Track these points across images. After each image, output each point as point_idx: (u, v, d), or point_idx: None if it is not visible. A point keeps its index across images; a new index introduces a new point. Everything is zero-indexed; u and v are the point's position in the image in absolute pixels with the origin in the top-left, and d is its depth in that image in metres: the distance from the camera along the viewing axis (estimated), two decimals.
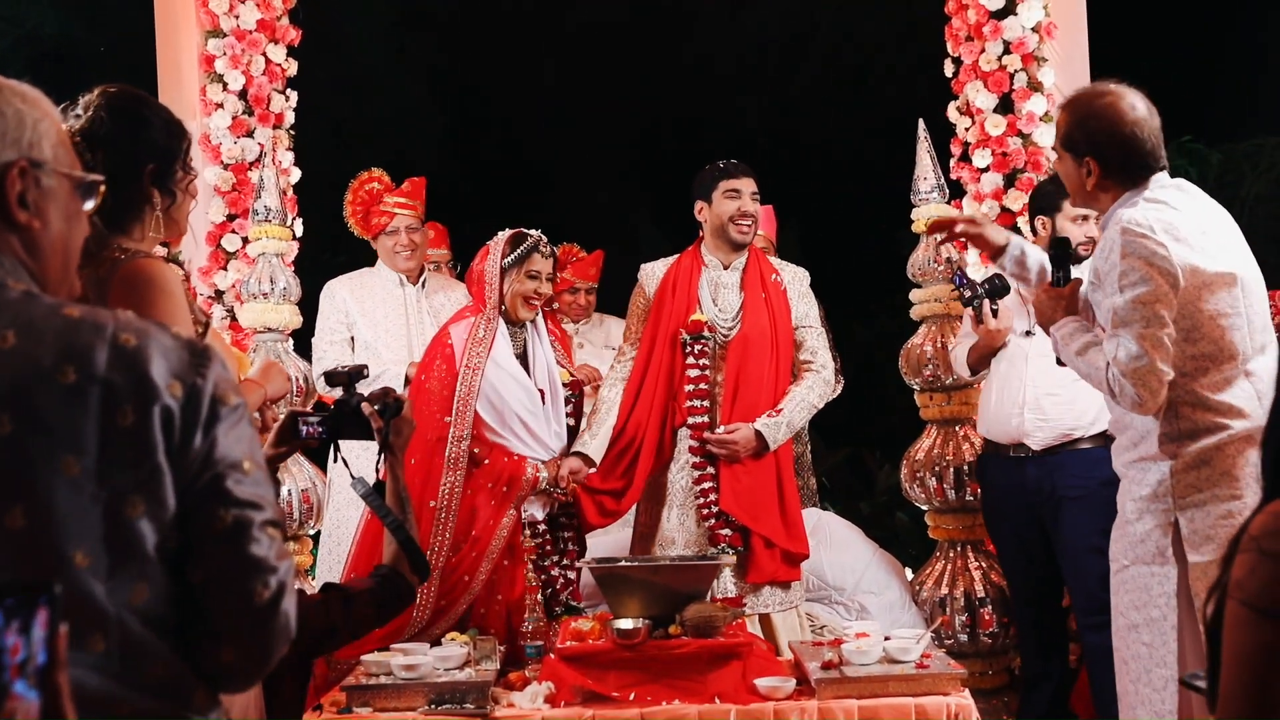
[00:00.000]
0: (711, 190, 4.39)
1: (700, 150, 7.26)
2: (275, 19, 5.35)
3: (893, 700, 3.46)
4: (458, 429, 4.04)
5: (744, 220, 4.35)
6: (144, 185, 2.28)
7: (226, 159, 5.26)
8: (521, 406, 4.12)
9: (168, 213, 2.31)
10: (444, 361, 4.12)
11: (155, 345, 1.43)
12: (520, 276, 4.16)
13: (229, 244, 5.21)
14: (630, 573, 3.80)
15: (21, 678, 1.10)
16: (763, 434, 4.21)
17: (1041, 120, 5.11)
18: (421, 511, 3.88)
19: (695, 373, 4.29)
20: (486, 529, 4.04)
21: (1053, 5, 5.13)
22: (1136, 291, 2.83)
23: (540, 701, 3.57)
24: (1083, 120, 3.01)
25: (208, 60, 5.30)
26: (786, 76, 7.14)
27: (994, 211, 5.11)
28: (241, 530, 1.43)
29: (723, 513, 4.22)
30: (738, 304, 4.36)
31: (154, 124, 2.31)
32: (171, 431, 1.40)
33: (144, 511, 1.38)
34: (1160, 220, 2.88)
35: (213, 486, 1.42)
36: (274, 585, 1.44)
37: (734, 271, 4.42)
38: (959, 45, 5.24)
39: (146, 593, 1.39)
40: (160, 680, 1.39)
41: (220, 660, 1.44)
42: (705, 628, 3.64)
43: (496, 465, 4.07)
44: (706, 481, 4.24)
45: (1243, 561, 1.48)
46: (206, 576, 1.42)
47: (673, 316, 4.35)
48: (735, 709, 3.46)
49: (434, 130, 7.43)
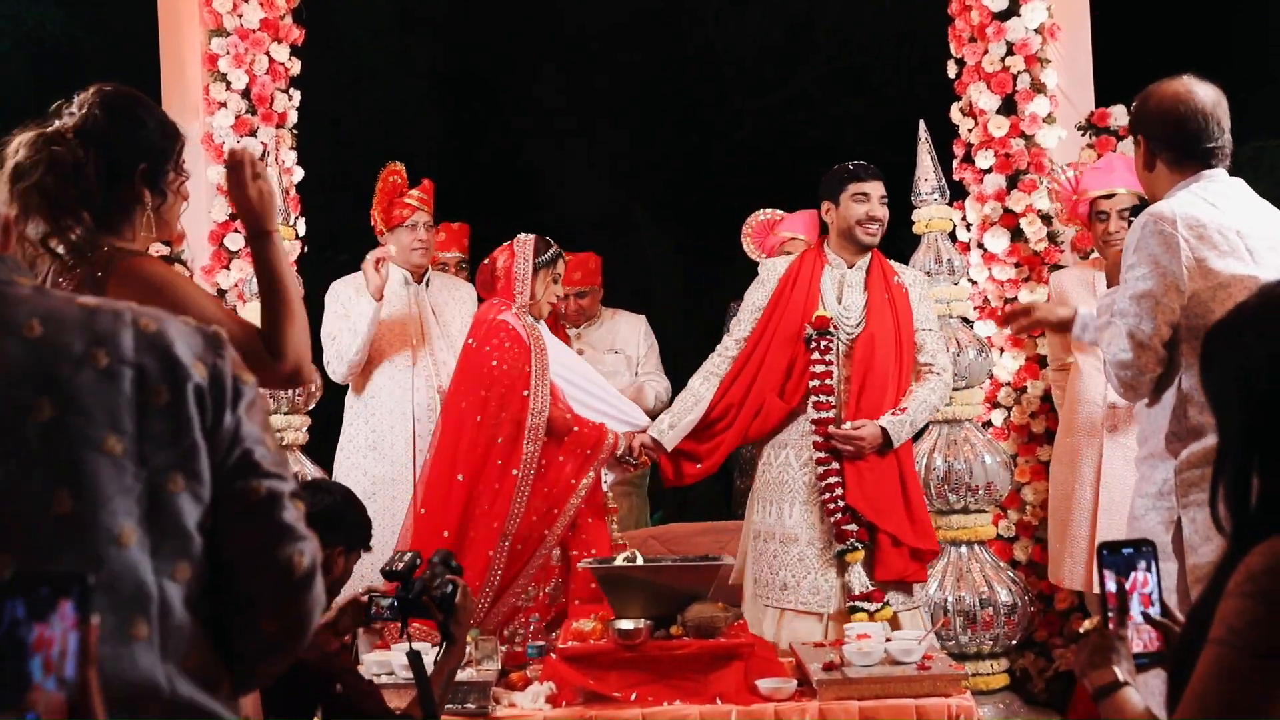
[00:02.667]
0: (839, 192, 4.41)
1: (701, 151, 7.26)
2: (278, 18, 5.35)
3: (894, 701, 3.46)
4: (537, 401, 4.26)
5: (872, 224, 4.38)
6: (135, 184, 2.26)
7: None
8: (586, 379, 4.48)
9: (158, 213, 2.29)
10: (512, 341, 4.31)
11: (174, 329, 1.47)
12: (549, 280, 4.44)
13: (231, 243, 5.21)
14: (632, 573, 3.81)
15: (47, 670, 1.11)
16: (888, 431, 4.22)
17: (1044, 122, 5.10)
18: (504, 479, 4.20)
19: (820, 368, 4.30)
20: (567, 488, 4.26)
21: (1056, 6, 5.13)
22: (1136, 287, 2.84)
23: (541, 702, 3.57)
24: (1145, 99, 3.02)
25: (211, 59, 5.30)
26: (787, 77, 7.14)
27: (996, 213, 5.11)
28: (275, 500, 1.46)
29: (849, 508, 4.22)
30: (862, 303, 4.38)
31: (147, 123, 2.30)
32: (205, 409, 1.44)
33: (184, 487, 1.41)
34: (1188, 215, 2.84)
35: (244, 460, 1.46)
36: (309, 553, 1.47)
37: (858, 271, 4.44)
38: (962, 46, 5.24)
39: (189, 571, 1.41)
40: (197, 667, 1.41)
41: (261, 633, 1.45)
42: (707, 628, 3.64)
43: (583, 430, 4.32)
44: (832, 477, 4.24)
45: (1242, 609, 1.46)
46: (245, 548, 1.45)
47: (792, 311, 4.39)
48: (736, 710, 3.47)
49: (434, 130, 7.43)
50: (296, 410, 4.94)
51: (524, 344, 4.32)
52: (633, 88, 7.39)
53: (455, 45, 7.67)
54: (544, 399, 4.28)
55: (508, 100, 7.51)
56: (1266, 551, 1.47)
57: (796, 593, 4.24)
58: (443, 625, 2.80)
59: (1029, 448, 5.08)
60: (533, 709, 3.55)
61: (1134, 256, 2.86)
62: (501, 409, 4.25)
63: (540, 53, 7.41)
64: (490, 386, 4.28)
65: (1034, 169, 5.10)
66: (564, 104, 7.33)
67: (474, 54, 7.64)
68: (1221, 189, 2.93)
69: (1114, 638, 1.73)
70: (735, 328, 4.53)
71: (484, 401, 4.27)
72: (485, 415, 4.26)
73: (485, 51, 7.57)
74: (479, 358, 4.33)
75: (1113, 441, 4.42)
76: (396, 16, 7.74)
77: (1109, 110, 5.10)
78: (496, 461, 4.22)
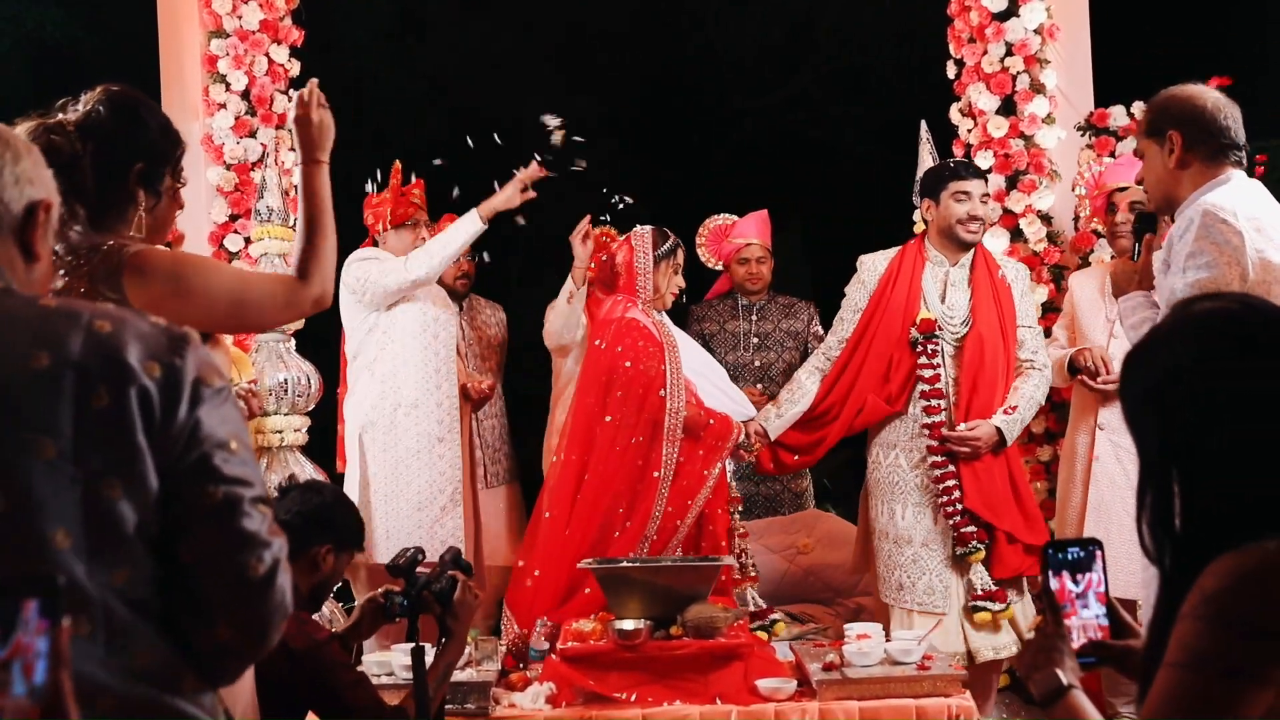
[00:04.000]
0: (940, 190, 4.35)
1: (700, 152, 7.26)
2: (278, 19, 5.36)
3: (894, 701, 3.46)
4: (673, 401, 4.23)
5: (973, 223, 4.32)
6: (130, 183, 2.26)
7: (229, 159, 5.26)
8: (708, 366, 4.49)
9: (152, 214, 2.30)
10: (645, 340, 4.27)
11: (131, 330, 1.44)
12: (670, 271, 4.41)
13: (231, 244, 5.22)
14: (631, 573, 3.80)
15: (15, 675, 1.10)
16: (1002, 431, 4.21)
17: (1044, 122, 5.11)
18: (645, 482, 4.16)
19: (929, 372, 4.27)
20: (699, 479, 4.21)
21: (1055, 7, 5.13)
22: (1199, 275, 2.79)
23: (541, 702, 3.57)
24: (1165, 103, 3.01)
25: (210, 60, 5.30)
26: (787, 77, 7.14)
27: (996, 213, 5.11)
28: (232, 506, 1.43)
29: (967, 510, 4.20)
30: (967, 302, 4.32)
31: (149, 124, 2.31)
32: (150, 412, 1.40)
33: (123, 493, 1.38)
34: (1245, 208, 2.83)
35: (200, 465, 1.42)
36: (268, 560, 1.44)
37: (962, 269, 4.38)
38: (961, 47, 5.24)
39: (127, 574, 1.38)
40: (147, 665, 1.39)
41: (217, 640, 1.43)
42: (706, 629, 3.64)
43: (715, 424, 4.28)
44: (949, 480, 4.21)
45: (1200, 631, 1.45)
46: (198, 554, 1.42)
47: (893, 312, 4.34)
48: (736, 710, 3.47)
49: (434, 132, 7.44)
50: (296, 411, 4.94)
51: (657, 342, 4.27)
52: (632, 88, 7.39)
53: (455, 46, 7.68)
54: (680, 398, 4.25)
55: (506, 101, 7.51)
56: (1220, 572, 1.46)
57: (912, 593, 4.24)
58: (441, 619, 2.86)
59: (1029, 448, 5.08)
60: (533, 709, 3.55)
61: (1195, 245, 2.81)
62: (639, 410, 4.19)
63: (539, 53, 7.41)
64: (626, 386, 4.21)
65: (1033, 169, 5.10)
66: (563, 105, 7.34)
67: (474, 55, 7.65)
68: (1254, 188, 2.94)
69: (1056, 638, 1.71)
70: (838, 326, 4.52)
71: (619, 402, 4.20)
72: (618, 415, 4.20)
73: (485, 53, 7.58)
74: (609, 358, 4.25)
75: (1104, 439, 4.41)
76: (396, 18, 7.74)
77: (1108, 111, 5.10)
78: (636, 463, 4.17)
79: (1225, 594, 1.44)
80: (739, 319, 5.43)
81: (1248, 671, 1.41)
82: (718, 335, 5.42)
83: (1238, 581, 1.44)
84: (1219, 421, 1.53)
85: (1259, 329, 1.57)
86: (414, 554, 2.87)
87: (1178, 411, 1.56)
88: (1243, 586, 1.44)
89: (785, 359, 5.36)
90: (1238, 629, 1.42)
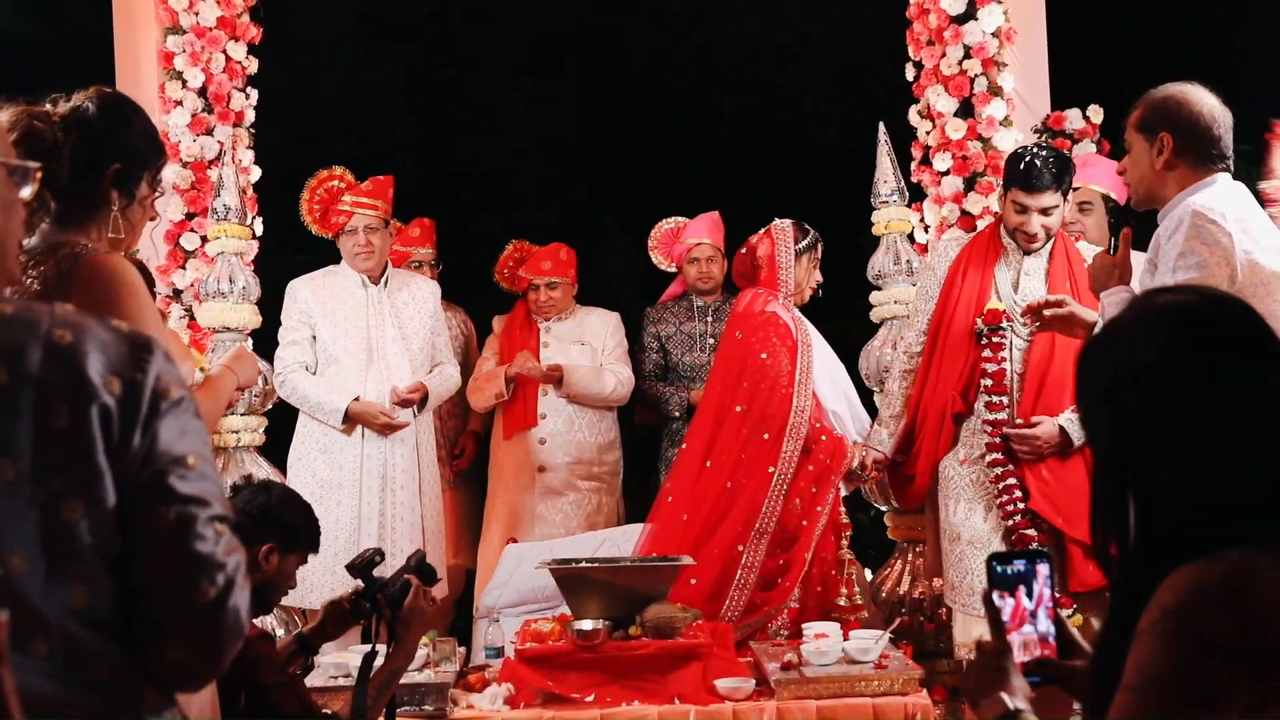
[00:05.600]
0: (1007, 189, 4.10)
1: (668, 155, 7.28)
2: (236, 16, 5.31)
3: (851, 700, 3.48)
4: (799, 399, 4.22)
5: (1025, 240, 4.07)
6: (104, 183, 2.26)
7: (185, 157, 5.21)
8: (840, 372, 4.42)
9: (124, 216, 2.28)
10: (780, 336, 4.29)
11: (92, 340, 1.39)
12: (810, 265, 4.40)
13: (188, 243, 5.16)
14: (590, 573, 3.80)
15: None
16: (1067, 430, 3.94)
17: (1001, 124, 5.15)
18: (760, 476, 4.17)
19: (993, 366, 4.04)
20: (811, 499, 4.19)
21: (1012, 11, 5.17)
22: (1189, 275, 2.77)
23: (500, 703, 3.56)
24: (1159, 102, 2.99)
25: (167, 57, 5.24)
26: (748, 82, 7.16)
27: (954, 215, 5.15)
28: (185, 527, 1.39)
29: (1030, 511, 3.97)
30: (1042, 294, 3.93)
31: (134, 126, 2.32)
32: (110, 430, 1.37)
33: (83, 514, 1.35)
34: (1233, 209, 2.84)
35: (154, 483, 1.39)
36: (221, 582, 1.40)
37: (1039, 258, 4.11)
38: (920, 49, 5.27)
39: (86, 596, 1.36)
40: (107, 682, 1.37)
41: (169, 660, 1.41)
42: (665, 629, 3.65)
43: (829, 441, 4.25)
44: (1010, 479, 3.99)
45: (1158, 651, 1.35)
46: (151, 576, 1.39)
47: (965, 301, 4.12)
48: (695, 710, 3.48)
49: (402, 130, 7.40)
50: (253, 411, 4.90)
51: (792, 339, 4.29)
52: (605, 87, 7.38)
53: (423, 43, 7.64)
54: (806, 398, 4.24)
55: (477, 98, 7.48)
56: (1180, 586, 1.36)
57: (959, 593, 4.09)
58: (389, 625, 2.80)
59: None
60: (491, 710, 3.54)
61: (1185, 245, 2.80)
62: (768, 403, 4.22)
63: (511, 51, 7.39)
64: (756, 379, 4.26)
65: (991, 171, 5.14)
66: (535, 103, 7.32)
67: (442, 51, 7.61)
68: (1239, 191, 2.94)
69: (999, 657, 1.59)
70: (914, 318, 4.34)
71: (749, 394, 4.25)
72: (747, 407, 4.24)
73: (453, 49, 7.54)
74: (744, 349, 4.31)
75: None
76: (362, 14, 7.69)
77: (1064, 114, 5.15)
78: (756, 456, 4.18)
79: (1186, 610, 1.34)
80: (694, 320, 5.43)
81: (1211, 694, 1.31)
82: (674, 337, 5.42)
83: (1199, 596, 1.34)
84: (1179, 419, 1.44)
85: (1222, 324, 1.50)
86: (371, 555, 2.85)
87: (1136, 407, 1.48)
88: (1205, 601, 1.33)
89: None
90: (1199, 648, 1.32)
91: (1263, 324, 1.52)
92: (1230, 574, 1.34)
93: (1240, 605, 1.32)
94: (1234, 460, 1.42)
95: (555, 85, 7.31)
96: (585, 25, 7.33)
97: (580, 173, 7.39)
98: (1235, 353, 1.47)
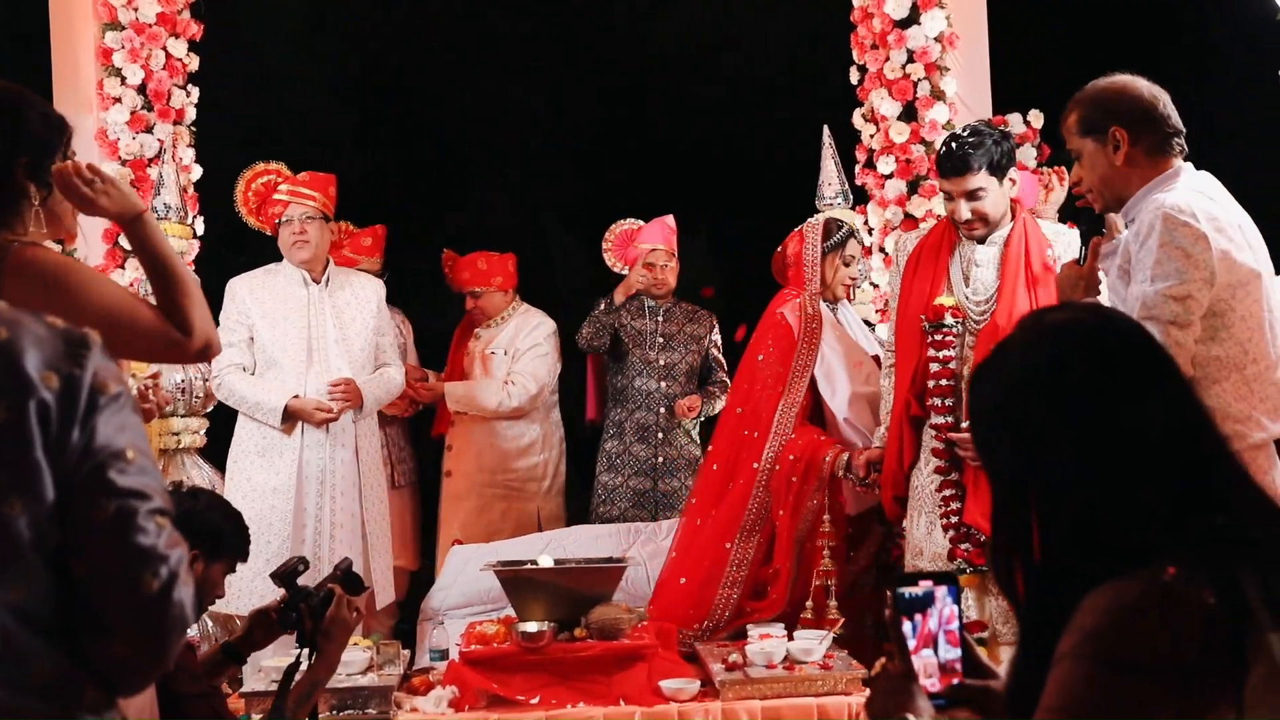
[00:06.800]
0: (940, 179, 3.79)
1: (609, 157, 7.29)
2: (176, 13, 5.24)
3: (795, 700, 3.50)
4: (789, 397, 4.24)
5: (965, 229, 3.75)
6: (18, 178, 2.22)
7: (124, 154, 5.13)
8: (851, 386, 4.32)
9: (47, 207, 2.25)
10: (778, 338, 4.33)
11: (28, 336, 1.39)
12: (838, 262, 4.39)
13: (126, 241, 5.09)
14: (535, 575, 3.80)
15: None
16: None
17: (944, 128, 5.20)
18: (747, 473, 4.23)
19: (937, 366, 3.72)
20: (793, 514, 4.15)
21: (955, 16, 5.22)
22: (1168, 284, 2.71)
23: (444, 706, 3.55)
24: (1100, 99, 2.90)
25: (105, 53, 5.16)
26: (694, 83, 7.17)
27: (898, 217, 5.19)
28: (126, 520, 1.38)
29: (964, 524, 3.69)
30: (993, 285, 3.72)
31: (29, 117, 2.26)
32: (49, 425, 1.36)
33: (21, 509, 1.34)
34: (1204, 209, 2.77)
35: (93, 477, 1.38)
36: (164, 575, 1.39)
37: (992, 246, 3.76)
38: (864, 53, 5.31)
39: (24, 591, 1.35)
40: (45, 681, 1.36)
41: (113, 656, 1.39)
42: (610, 630, 3.65)
43: (807, 442, 4.18)
44: (948, 489, 3.71)
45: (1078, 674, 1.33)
46: (91, 570, 1.38)
47: (917, 296, 3.82)
48: (640, 711, 3.48)
49: (348, 130, 7.33)
50: (194, 413, 4.83)
51: (792, 339, 4.31)
52: (553, 88, 7.37)
53: (370, 43, 7.58)
54: (796, 395, 4.25)
55: (423, 99, 7.43)
56: (1099, 608, 1.35)
57: None
58: (310, 634, 2.75)
59: None
60: (435, 713, 3.53)
61: (1159, 252, 2.72)
62: (758, 403, 4.29)
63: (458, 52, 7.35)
64: (753, 381, 4.34)
65: (933, 175, 5.19)
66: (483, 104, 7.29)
67: (389, 51, 7.56)
68: (1205, 182, 2.87)
69: (903, 679, 1.55)
70: (890, 315, 4.11)
71: (745, 396, 4.35)
72: (745, 408, 4.33)
73: (401, 49, 7.48)
74: (750, 352, 4.42)
75: None
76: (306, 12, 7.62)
77: (1006, 118, 5.21)
78: (745, 454, 4.26)
79: (1107, 631, 1.33)
80: (645, 318, 5.46)
81: (1135, 714, 1.30)
82: (625, 331, 5.44)
83: (1119, 616, 1.33)
84: (1079, 433, 1.43)
85: (1115, 342, 1.49)
86: (295, 564, 2.80)
87: (1034, 425, 1.45)
88: (1125, 621, 1.33)
89: (688, 360, 5.44)
90: (1122, 668, 1.32)
91: (1151, 338, 1.52)
92: (1147, 592, 1.34)
93: (1160, 624, 1.32)
94: (1137, 471, 1.41)
95: (504, 86, 7.28)
96: (534, 26, 7.31)
97: (529, 174, 7.37)
98: (1129, 366, 1.46)
